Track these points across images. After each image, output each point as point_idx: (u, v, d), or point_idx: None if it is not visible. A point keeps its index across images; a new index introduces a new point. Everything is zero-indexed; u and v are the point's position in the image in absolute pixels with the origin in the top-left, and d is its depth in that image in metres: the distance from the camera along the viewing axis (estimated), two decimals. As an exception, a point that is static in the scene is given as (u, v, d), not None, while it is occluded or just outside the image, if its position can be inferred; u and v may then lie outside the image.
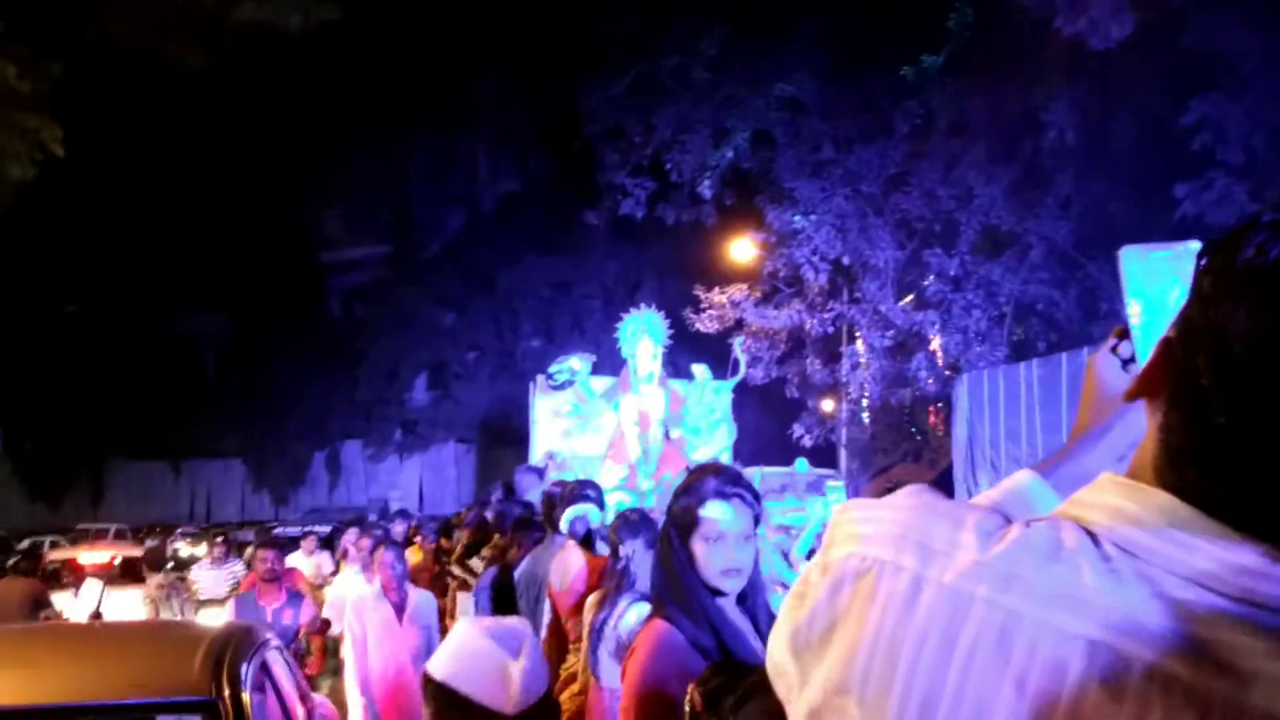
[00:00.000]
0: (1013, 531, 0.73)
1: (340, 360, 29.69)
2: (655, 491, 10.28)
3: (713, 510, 2.25)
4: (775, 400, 19.19)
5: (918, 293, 16.54)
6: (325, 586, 8.79)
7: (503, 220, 28.15)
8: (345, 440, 34.06)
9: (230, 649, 3.25)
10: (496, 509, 6.23)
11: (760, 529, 2.56)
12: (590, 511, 4.60)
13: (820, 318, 17.05)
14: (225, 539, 11.10)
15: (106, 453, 31.84)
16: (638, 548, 3.54)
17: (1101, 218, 14.31)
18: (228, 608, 6.29)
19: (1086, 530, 0.71)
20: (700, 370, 12.27)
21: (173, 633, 4.09)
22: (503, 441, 26.31)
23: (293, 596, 6.29)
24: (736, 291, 17.88)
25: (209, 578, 8.89)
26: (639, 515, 3.92)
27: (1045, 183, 14.80)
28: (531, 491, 6.27)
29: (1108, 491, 0.74)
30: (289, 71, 20.10)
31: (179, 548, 21.95)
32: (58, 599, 9.76)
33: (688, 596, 2.24)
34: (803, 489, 12.67)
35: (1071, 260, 15.09)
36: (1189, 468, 0.69)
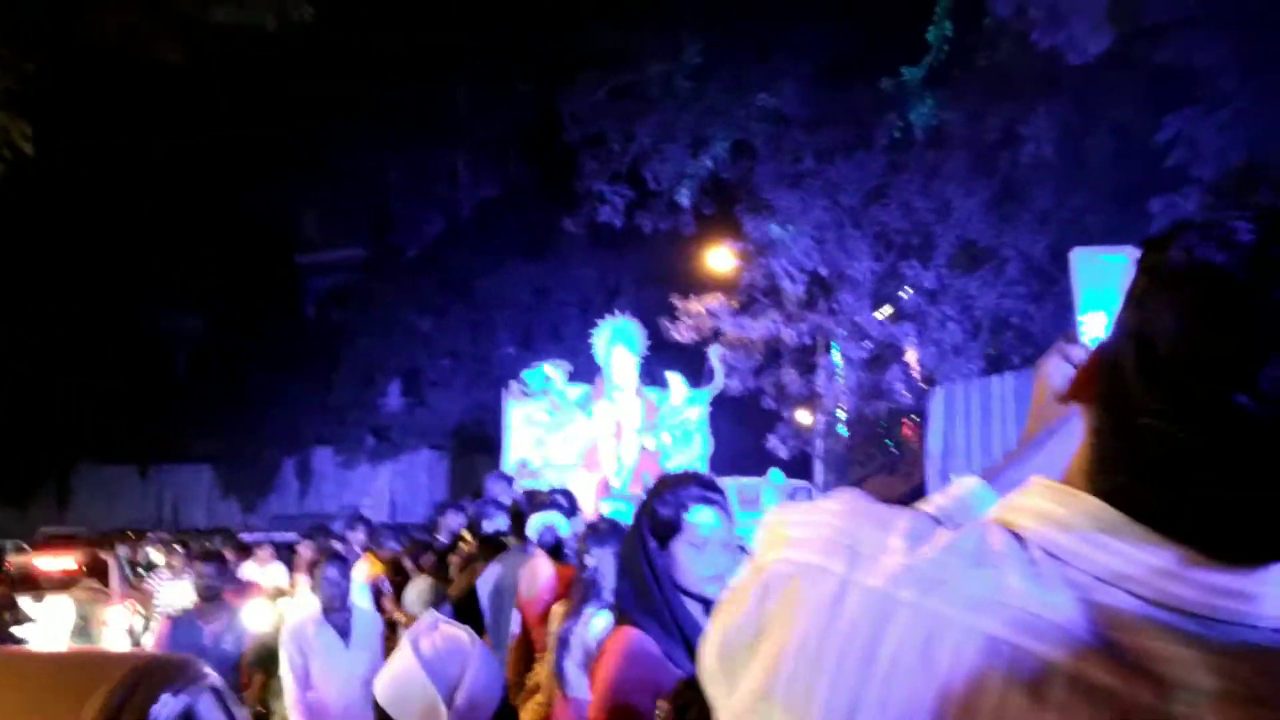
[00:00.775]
0: (941, 536, 0.72)
1: (313, 365, 29.39)
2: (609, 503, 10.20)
3: (698, 515, 2.21)
4: (751, 411, 19.15)
5: (894, 305, 16.58)
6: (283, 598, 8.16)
7: (481, 226, 28.00)
8: (316, 446, 33.69)
9: (138, 692, 2.42)
10: (475, 510, 6.10)
11: None
12: (557, 520, 4.51)
13: (797, 329, 17.04)
14: (187, 547, 10.68)
15: (73, 456, 31.36)
16: (605, 557, 3.46)
17: (1078, 232, 14.37)
18: (158, 629, 5.43)
19: (1015, 534, 0.70)
20: (676, 380, 12.22)
21: (72, 666, 2.96)
22: (476, 449, 26.13)
23: (234, 618, 5.51)
24: (713, 301, 17.86)
25: (170, 589, 8.22)
26: (608, 524, 3.83)
27: (1022, 196, 14.87)
28: (501, 499, 6.16)
29: (1036, 496, 0.73)
30: (267, 72, 19.90)
31: (148, 553, 21.58)
32: (23, 603, 9.55)
33: (661, 605, 2.17)
34: (783, 500, 12.62)
35: (1048, 274, 15.16)
36: (1117, 472, 0.68)
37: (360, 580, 6.33)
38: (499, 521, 5.39)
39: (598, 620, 3.29)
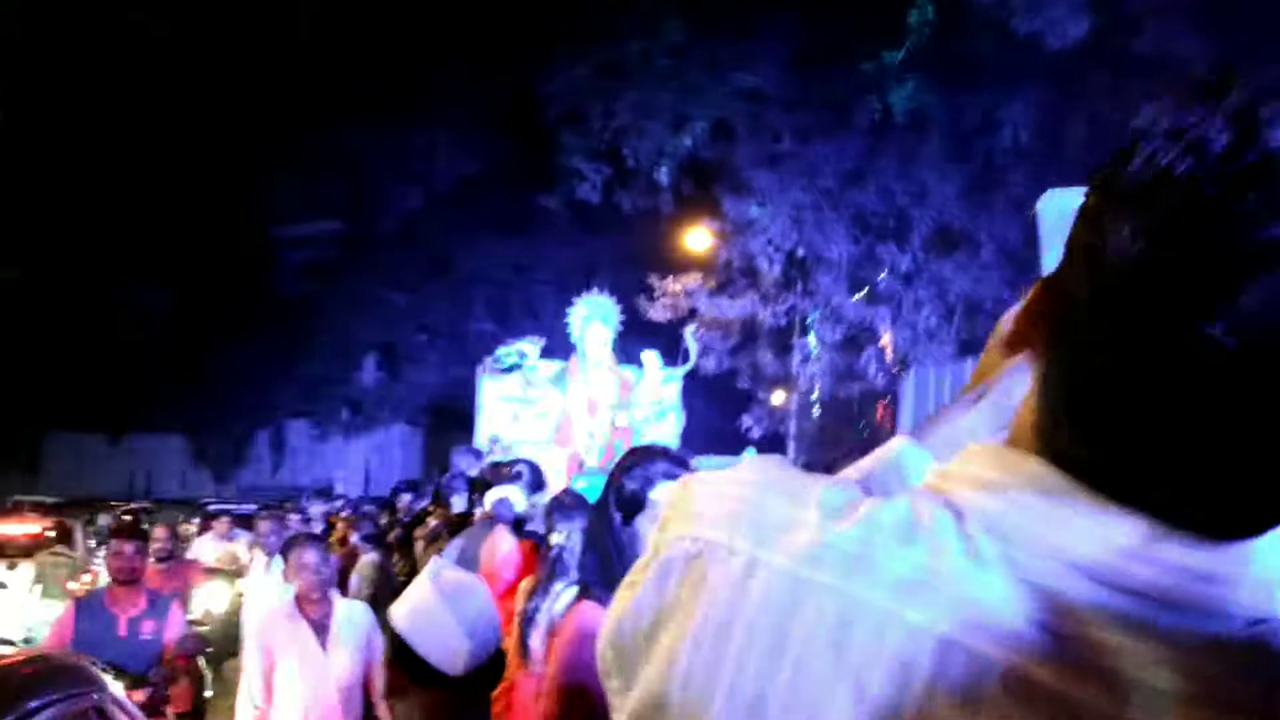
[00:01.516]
0: (863, 507, 0.61)
1: (288, 337, 29.19)
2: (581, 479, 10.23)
3: (665, 492, 2.17)
4: (726, 391, 19.22)
5: (870, 287, 16.62)
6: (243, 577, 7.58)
7: (459, 202, 27.81)
8: (291, 419, 33.56)
9: None
10: (443, 484, 6.06)
11: None
12: (511, 494, 4.49)
13: (773, 309, 17.06)
14: (134, 516, 10.40)
15: (44, 424, 31.06)
16: (572, 532, 3.44)
17: (1053, 219, 14.45)
18: (62, 613, 4.70)
19: (950, 505, 0.60)
20: (650, 357, 12.24)
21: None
22: (451, 425, 26.07)
23: (158, 602, 4.70)
24: (690, 281, 17.84)
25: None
26: (574, 499, 3.83)
27: (999, 182, 14.92)
28: (471, 472, 6.15)
29: (975, 461, 0.63)
30: (243, 41, 19.65)
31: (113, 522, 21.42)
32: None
33: (624, 578, 2.15)
34: None
35: (1022, 260, 15.23)
36: (1066, 427, 0.58)
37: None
38: (467, 498, 5.36)
39: (565, 596, 3.28)
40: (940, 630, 0.55)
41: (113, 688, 1.95)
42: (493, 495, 4.51)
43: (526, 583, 3.66)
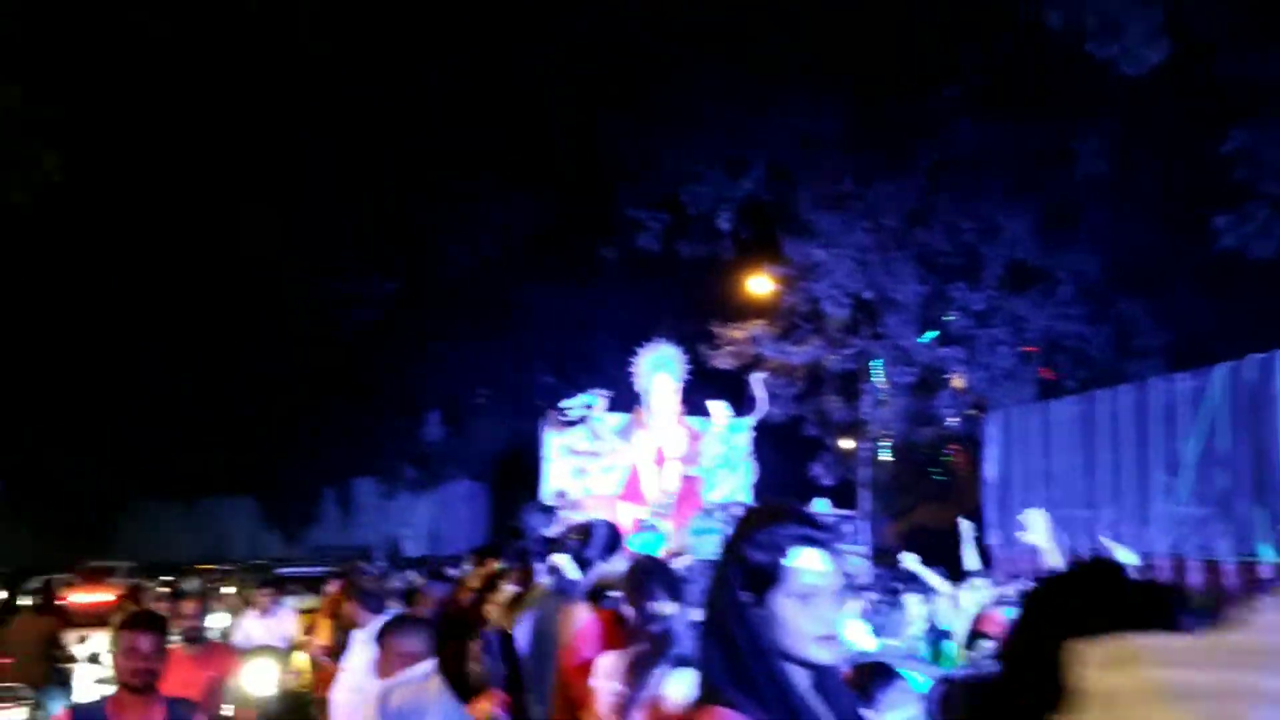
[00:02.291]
0: None
1: (352, 395, 29.46)
2: (695, 533, 9.82)
3: (804, 559, 1.76)
4: (792, 439, 18.78)
5: (941, 328, 16.15)
6: (298, 651, 6.57)
7: (516, 255, 27.94)
8: (357, 477, 33.84)
9: None
10: (518, 549, 5.75)
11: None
12: (565, 565, 4.16)
13: (840, 354, 16.66)
14: (173, 587, 8.96)
15: (116, 489, 31.61)
16: (677, 607, 3.12)
17: (1134, 252, 13.91)
18: None
19: None
20: (718, 406, 11.88)
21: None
22: (515, 480, 25.95)
23: (178, 710, 3.46)
24: (753, 327, 17.55)
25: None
26: (665, 566, 3.52)
27: (1074, 215, 14.44)
28: (542, 532, 5.84)
29: None
30: (300, 104, 20.02)
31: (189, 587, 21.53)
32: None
33: (762, 677, 1.73)
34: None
35: (1102, 295, 14.68)
36: None
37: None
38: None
39: (676, 682, 2.93)
40: None
41: None
42: (553, 563, 4.22)
43: (612, 661, 3.32)
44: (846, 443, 18.29)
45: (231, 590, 9.82)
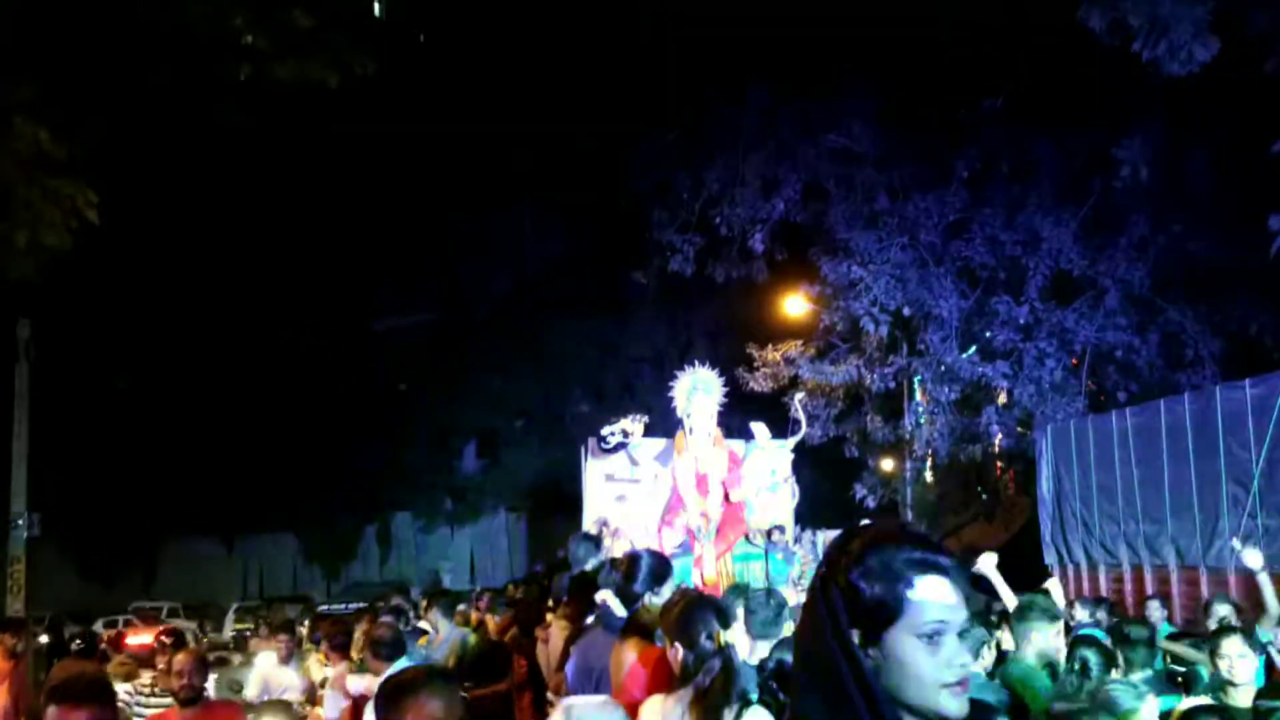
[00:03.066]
0: None
1: (388, 430, 29.43)
2: (740, 559, 9.53)
3: (928, 590, 1.41)
4: (833, 460, 18.42)
5: (984, 343, 15.76)
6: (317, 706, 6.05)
7: (549, 282, 27.89)
8: (395, 511, 33.77)
9: None
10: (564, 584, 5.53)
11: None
12: (609, 599, 3.94)
13: (880, 372, 16.31)
14: (173, 634, 7.62)
15: (157, 529, 31.71)
16: (735, 638, 2.89)
17: (1181, 258, 13.51)
18: None
19: None
20: (760, 428, 11.64)
21: None
22: (554, 509, 25.73)
23: None
24: (790, 348, 17.27)
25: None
26: (710, 600, 3.29)
27: (1118, 223, 14.06)
28: (589, 562, 5.60)
29: None
30: (333, 134, 20.14)
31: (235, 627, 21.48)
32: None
33: None
34: None
35: (1150, 304, 14.27)
36: None
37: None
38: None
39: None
40: None
41: None
42: (598, 599, 4.01)
43: (676, 702, 3.05)
44: (888, 463, 17.90)
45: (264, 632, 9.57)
